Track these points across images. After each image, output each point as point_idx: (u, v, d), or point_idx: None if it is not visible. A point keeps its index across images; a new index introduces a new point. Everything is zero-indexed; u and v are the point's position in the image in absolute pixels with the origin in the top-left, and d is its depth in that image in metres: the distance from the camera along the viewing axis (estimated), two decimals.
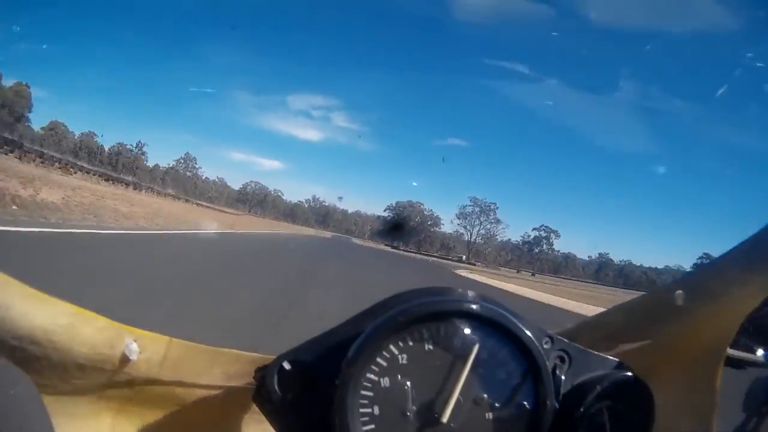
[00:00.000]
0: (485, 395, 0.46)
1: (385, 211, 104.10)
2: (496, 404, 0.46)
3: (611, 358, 0.52)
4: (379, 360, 0.44)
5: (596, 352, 0.51)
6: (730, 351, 0.56)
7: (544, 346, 0.48)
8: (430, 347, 0.45)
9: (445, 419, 0.44)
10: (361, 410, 0.44)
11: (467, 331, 0.46)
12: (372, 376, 0.44)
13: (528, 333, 0.46)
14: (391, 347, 0.45)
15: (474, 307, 0.46)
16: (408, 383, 0.45)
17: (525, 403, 0.46)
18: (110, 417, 0.50)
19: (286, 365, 0.46)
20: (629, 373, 0.50)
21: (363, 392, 0.44)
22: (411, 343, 0.45)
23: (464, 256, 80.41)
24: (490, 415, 0.46)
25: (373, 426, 0.44)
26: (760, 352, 0.68)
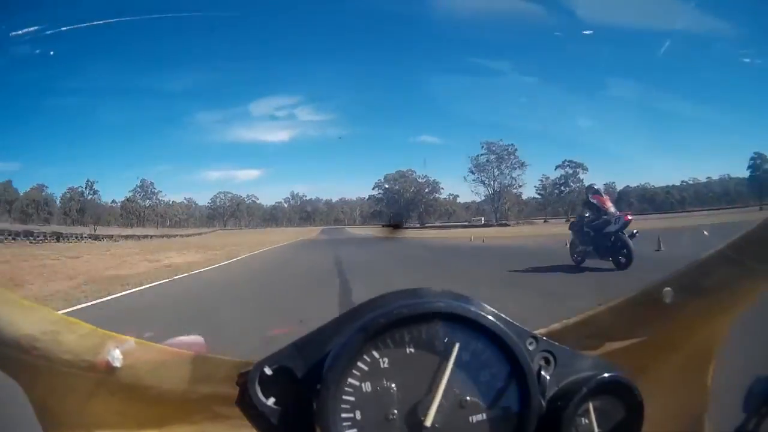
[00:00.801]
0: (469, 398, 0.45)
1: (374, 189, 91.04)
2: (481, 407, 0.45)
3: (598, 358, 0.51)
4: (360, 364, 0.44)
5: (582, 353, 0.50)
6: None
7: (528, 347, 0.47)
8: (412, 350, 0.45)
9: (428, 422, 0.43)
10: (343, 415, 0.43)
11: (449, 333, 0.45)
12: (353, 381, 0.44)
13: (511, 334, 0.46)
14: (372, 351, 0.44)
15: (455, 308, 0.45)
16: (391, 387, 0.44)
17: (510, 405, 0.46)
18: (95, 422, 0.50)
19: (268, 370, 0.45)
20: (617, 374, 0.49)
21: (344, 397, 0.44)
22: (392, 347, 0.45)
23: (483, 218, 68.63)
24: (474, 418, 0.45)
25: (355, 431, 0.43)
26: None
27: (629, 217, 7.60)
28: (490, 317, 0.46)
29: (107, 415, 0.50)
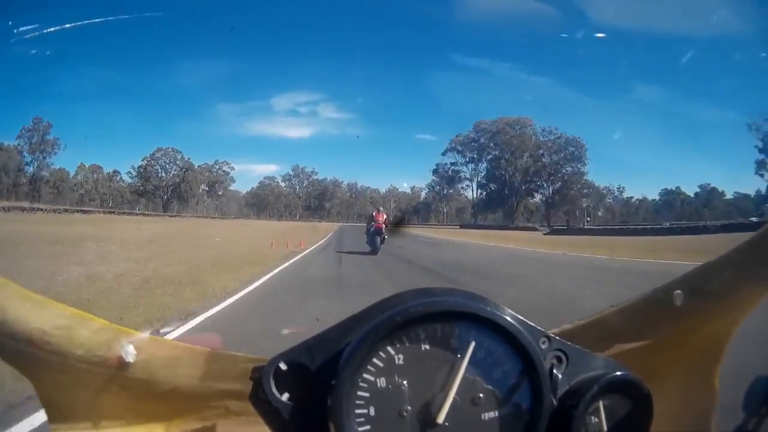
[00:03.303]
0: (482, 395, 0.45)
1: (447, 152, 47.64)
2: (493, 404, 0.46)
3: (609, 358, 0.51)
4: (375, 360, 0.44)
5: (593, 353, 0.51)
6: None
7: (541, 346, 0.47)
8: (427, 347, 0.45)
9: (441, 420, 0.43)
10: (357, 411, 0.43)
11: (464, 331, 0.46)
12: (368, 377, 0.44)
13: (525, 333, 0.46)
14: (388, 348, 0.44)
15: (470, 307, 0.46)
16: (404, 384, 0.44)
17: (522, 403, 0.46)
18: (106, 417, 0.50)
19: (282, 366, 0.45)
20: (627, 373, 0.49)
21: (359, 393, 0.43)
22: (407, 344, 0.45)
23: None
24: (486, 416, 0.45)
25: (369, 427, 0.43)
26: None
27: (379, 226, 13.19)
28: (505, 316, 0.46)
29: (118, 410, 0.50)
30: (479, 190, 41.73)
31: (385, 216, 13.66)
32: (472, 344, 0.45)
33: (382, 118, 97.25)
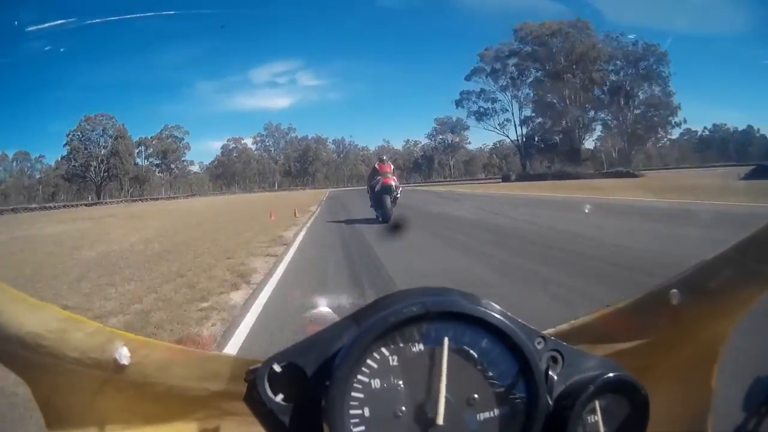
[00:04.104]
0: (477, 396, 0.46)
1: (471, 77, 36.48)
2: (489, 405, 0.46)
3: (604, 358, 0.51)
4: (369, 361, 0.44)
5: (589, 353, 0.51)
6: None
7: (537, 347, 0.48)
8: (421, 348, 0.45)
9: (437, 420, 0.43)
10: (352, 412, 0.43)
11: (459, 331, 0.46)
12: (362, 378, 0.44)
13: (520, 333, 0.46)
14: (382, 349, 0.45)
15: (465, 307, 0.46)
16: (399, 384, 0.45)
17: (518, 403, 0.46)
18: (101, 421, 0.50)
19: (277, 367, 0.46)
20: (623, 373, 0.49)
21: (353, 394, 0.44)
22: (401, 345, 0.45)
23: None
24: (482, 416, 0.46)
25: (363, 428, 0.43)
26: None
27: (387, 180, 9.66)
28: (500, 317, 0.46)
29: (114, 412, 0.50)
30: (522, 127, 30.16)
31: (392, 166, 10.42)
32: (467, 345, 0.45)
33: (368, 72, 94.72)
